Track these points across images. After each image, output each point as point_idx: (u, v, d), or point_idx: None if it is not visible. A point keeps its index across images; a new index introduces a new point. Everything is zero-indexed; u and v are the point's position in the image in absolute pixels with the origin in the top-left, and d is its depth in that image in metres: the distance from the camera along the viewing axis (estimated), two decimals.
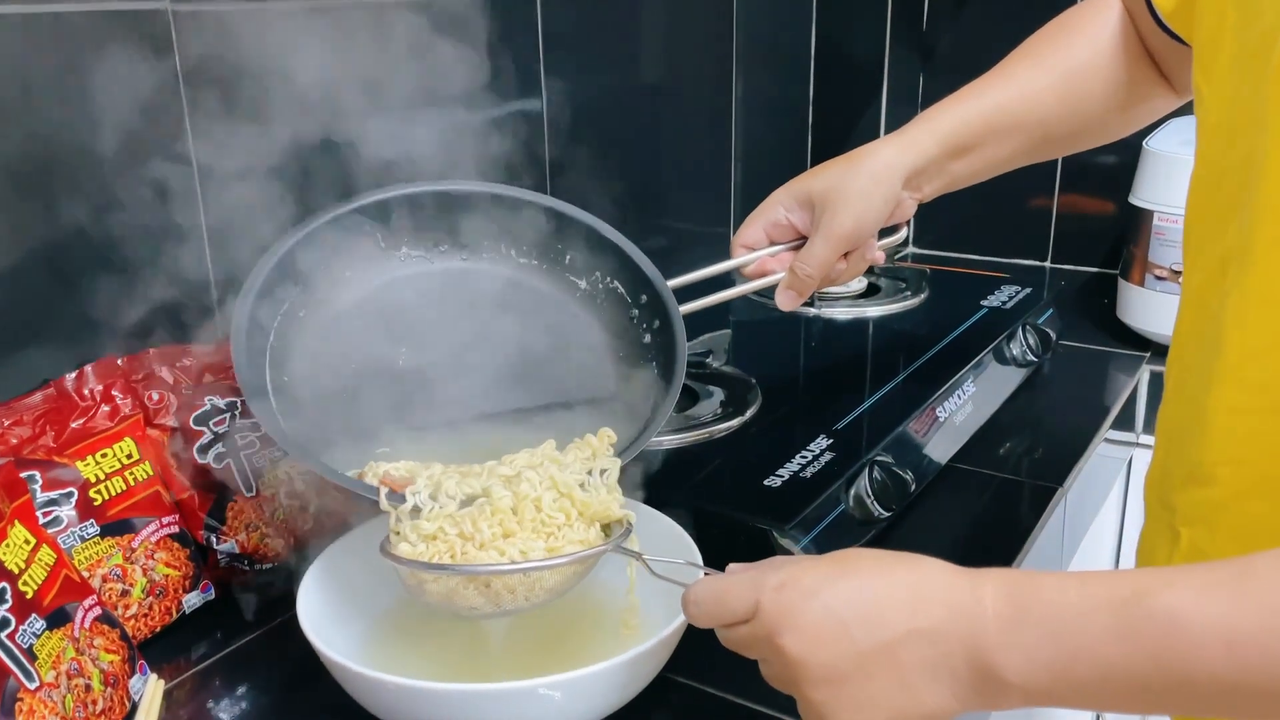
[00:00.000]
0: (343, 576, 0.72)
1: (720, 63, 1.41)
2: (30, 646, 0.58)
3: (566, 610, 0.72)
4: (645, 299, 0.82)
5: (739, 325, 1.21)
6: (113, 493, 0.73)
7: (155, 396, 0.77)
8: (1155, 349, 1.29)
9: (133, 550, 0.73)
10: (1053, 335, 1.21)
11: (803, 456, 0.86)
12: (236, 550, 0.78)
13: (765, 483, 0.82)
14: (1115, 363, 1.29)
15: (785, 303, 0.85)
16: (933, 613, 0.48)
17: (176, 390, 0.78)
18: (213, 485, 0.78)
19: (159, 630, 0.74)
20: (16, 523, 0.62)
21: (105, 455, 0.73)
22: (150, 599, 0.73)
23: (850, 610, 0.49)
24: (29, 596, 0.60)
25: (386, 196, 0.78)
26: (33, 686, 0.57)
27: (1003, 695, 0.48)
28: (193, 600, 0.76)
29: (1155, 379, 1.26)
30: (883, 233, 0.85)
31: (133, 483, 0.74)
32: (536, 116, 1.12)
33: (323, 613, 0.68)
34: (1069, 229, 1.65)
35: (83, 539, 0.71)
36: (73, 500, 0.71)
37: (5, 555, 0.59)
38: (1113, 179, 1.54)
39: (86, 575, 0.69)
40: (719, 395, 0.99)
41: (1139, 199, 1.29)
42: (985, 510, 0.93)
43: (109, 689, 0.63)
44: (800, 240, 0.85)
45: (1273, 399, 0.59)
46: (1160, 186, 1.26)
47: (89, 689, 0.62)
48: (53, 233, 0.76)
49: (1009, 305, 1.24)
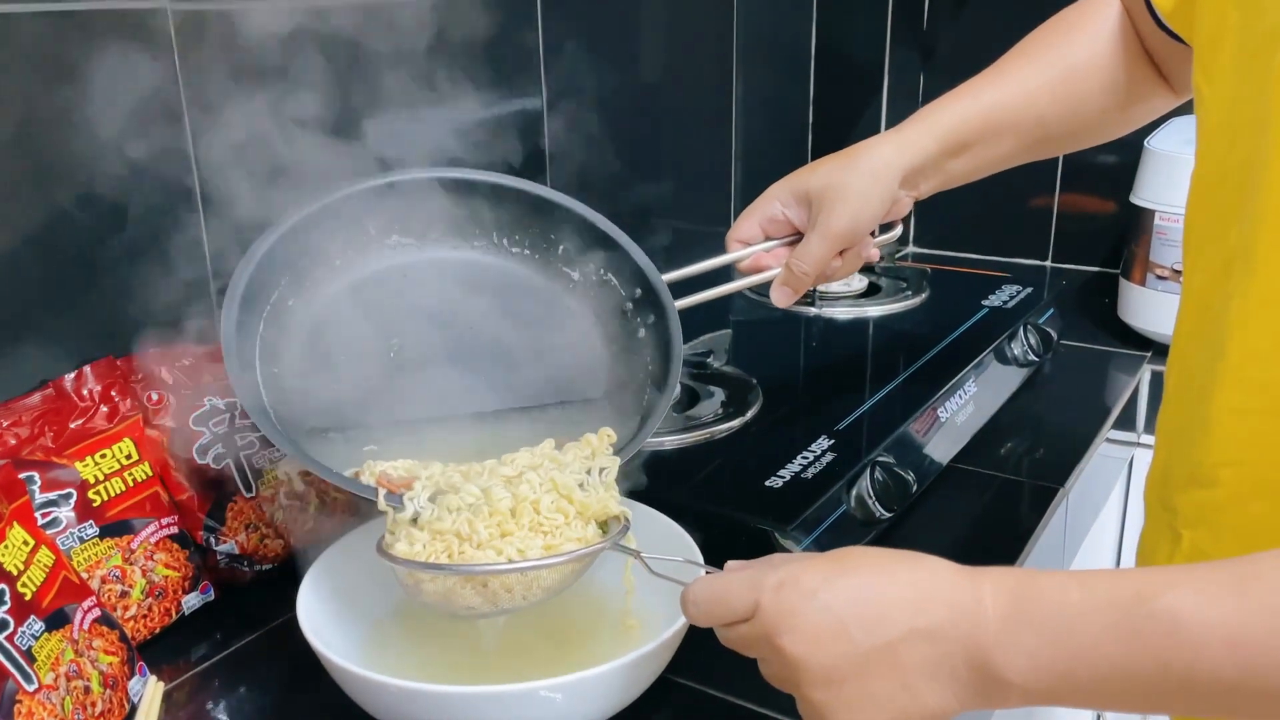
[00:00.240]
0: (342, 578, 0.71)
1: (720, 62, 1.40)
2: (29, 648, 0.58)
3: (566, 609, 0.72)
4: (639, 293, 0.81)
5: (739, 325, 1.21)
6: (112, 493, 0.73)
7: (154, 397, 0.77)
8: (1156, 349, 1.29)
9: (132, 551, 0.73)
10: (1054, 335, 1.21)
11: (804, 457, 0.86)
12: (236, 551, 0.78)
13: (766, 483, 0.82)
14: (1116, 362, 1.28)
15: (780, 299, 0.85)
16: (933, 612, 0.48)
17: (176, 390, 0.78)
18: (212, 486, 0.78)
19: (158, 631, 0.74)
20: (15, 524, 0.61)
21: (104, 456, 0.73)
22: (149, 600, 0.73)
23: (850, 610, 0.49)
24: (28, 598, 0.60)
25: (376, 184, 0.78)
26: (31, 688, 0.57)
27: (1003, 695, 0.48)
28: (192, 601, 0.76)
29: (1156, 379, 1.26)
30: (879, 229, 0.85)
31: (132, 483, 0.74)
32: (536, 115, 1.12)
33: (322, 614, 0.68)
34: (1070, 228, 1.65)
35: (82, 540, 0.71)
36: (72, 501, 0.70)
37: (4, 556, 0.59)
38: (1113, 178, 1.54)
39: (85, 576, 0.69)
40: (720, 395, 0.99)
41: (1140, 198, 1.29)
42: (986, 511, 0.93)
43: (108, 691, 0.63)
44: (796, 236, 0.85)
45: (1275, 400, 0.58)
46: (1161, 186, 1.26)
47: (88, 691, 0.61)
48: (51, 232, 0.76)
49: (1010, 305, 1.24)
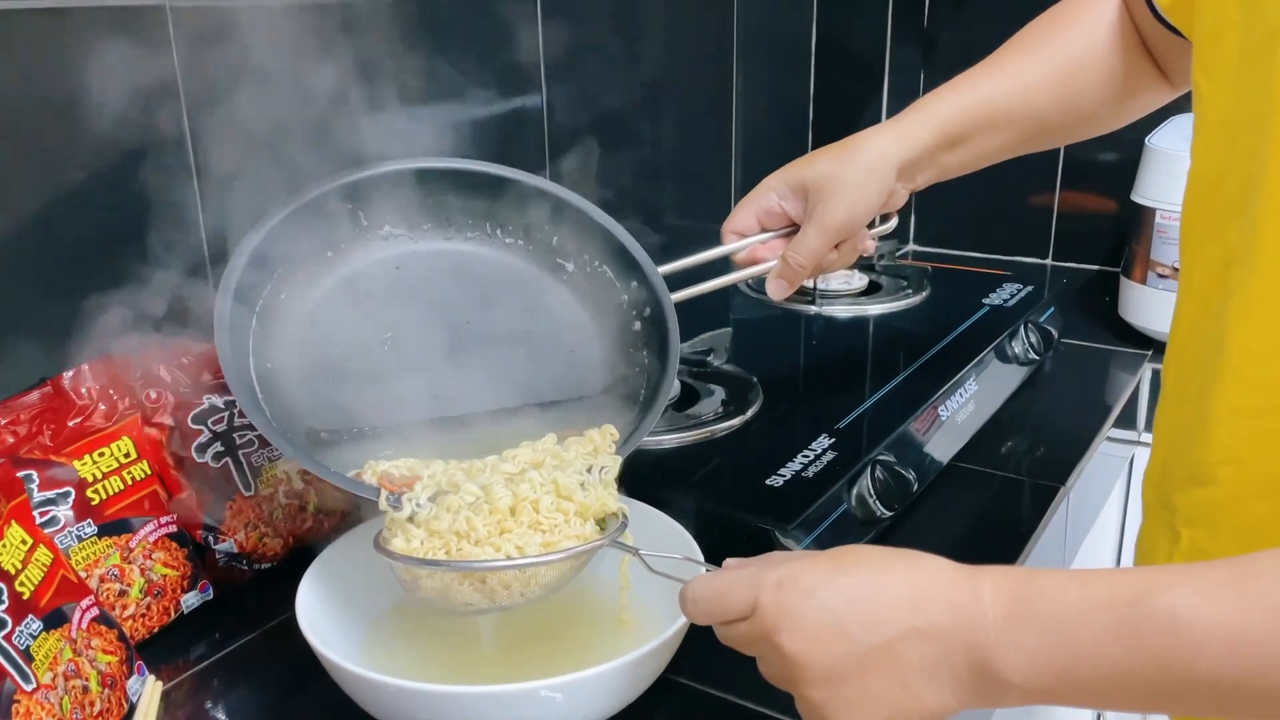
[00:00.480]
0: (342, 576, 0.71)
1: (721, 58, 1.40)
2: (27, 648, 0.58)
3: (564, 607, 0.72)
4: (634, 284, 0.81)
5: (740, 324, 1.21)
6: (110, 492, 0.72)
7: (153, 395, 0.76)
8: (1157, 347, 1.29)
9: (130, 550, 0.73)
10: (1054, 333, 1.21)
11: (804, 456, 0.85)
12: (235, 550, 0.78)
13: (767, 482, 0.82)
14: (1117, 361, 1.28)
15: (776, 292, 0.85)
16: (932, 611, 0.48)
17: (174, 389, 0.78)
18: (211, 484, 0.78)
19: (157, 630, 0.74)
20: (13, 522, 0.61)
21: (103, 454, 0.73)
22: (148, 599, 0.73)
23: (849, 609, 0.49)
24: (26, 597, 0.59)
25: (367, 175, 0.77)
26: (29, 688, 0.57)
27: (1003, 694, 0.48)
28: (191, 600, 0.76)
29: (1157, 377, 1.26)
30: (875, 220, 0.85)
31: (130, 482, 0.74)
32: (535, 111, 1.12)
33: (322, 613, 0.68)
34: (1070, 227, 1.65)
35: (80, 539, 0.70)
36: (70, 500, 0.70)
37: (2, 555, 0.59)
38: (1114, 176, 1.53)
39: (84, 575, 0.69)
40: (720, 394, 0.99)
41: (1141, 196, 1.29)
42: (987, 510, 0.93)
43: (106, 690, 0.63)
44: (791, 228, 0.85)
45: (1275, 400, 0.58)
46: (1162, 184, 1.26)
47: (86, 690, 0.61)
48: (49, 229, 0.76)
49: (1010, 303, 1.24)
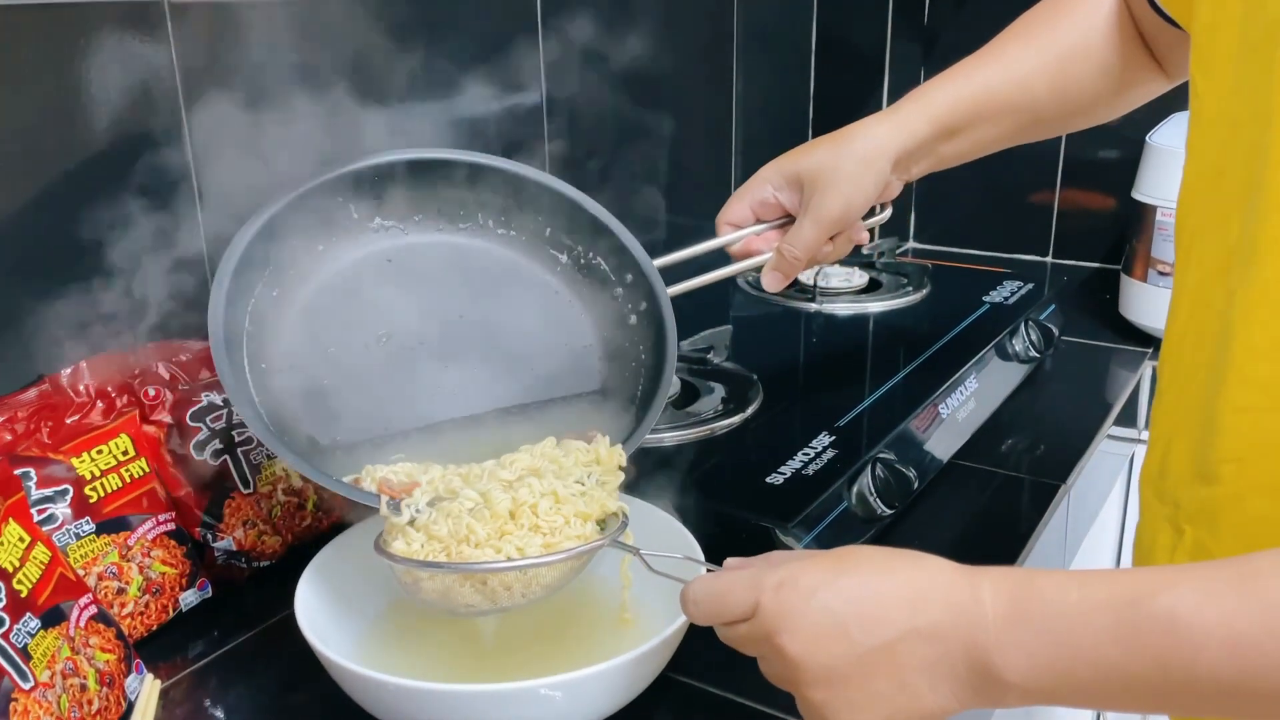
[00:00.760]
0: (341, 574, 0.71)
1: (721, 54, 1.40)
2: (25, 646, 0.58)
3: (564, 605, 0.72)
4: (630, 278, 0.81)
5: (740, 321, 1.21)
6: (108, 490, 0.72)
7: (151, 392, 0.76)
8: (1158, 345, 1.28)
9: (129, 548, 0.72)
10: (1055, 331, 1.20)
11: (805, 454, 0.85)
12: (234, 548, 0.78)
13: (767, 480, 0.81)
14: (1118, 359, 1.28)
15: (771, 284, 0.85)
16: (932, 612, 0.48)
17: (173, 386, 0.77)
18: (210, 482, 0.77)
19: (155, 629, 0.74)
20: (11, 520, 0.61)
21: (101, 452, 0.72)
22: (146, 597, 0.73)
23: (849, 609, 0.49)
24: (23, 595, 0.59)
25: (357, 167, 0.77)
26: (27, 686, 0.57)
27: (1003, 695, 0.48)
28: (190, 598, 0.76)
29: (1157, 375, 1.26)
30: (873, 210, 0.85)
31: (128, 479, 0.73)
32: (535, 108, 1.11)
33: (321, 611, 0.67)
34: (1071, 224, 1.64)
35: (78, 536, 0.70)
36: (68, 497, 0.70)
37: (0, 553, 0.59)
38: (1114, 174, 1.53)
39: (82, 573, 0.69)
40: (720, 391, 0.98)
41: (1142, 194, 1.29)
42: (988, 508, 0.93)
43: (105, 688, 0.63)
44: (786, 219, 0.85)
45: (1276, 398, 0.58)
46: (1163, 181, 1.26)
47: (84, 688, 0.61)
48: (47, 225, 0.76)
49: (1011, 301, 1.24)
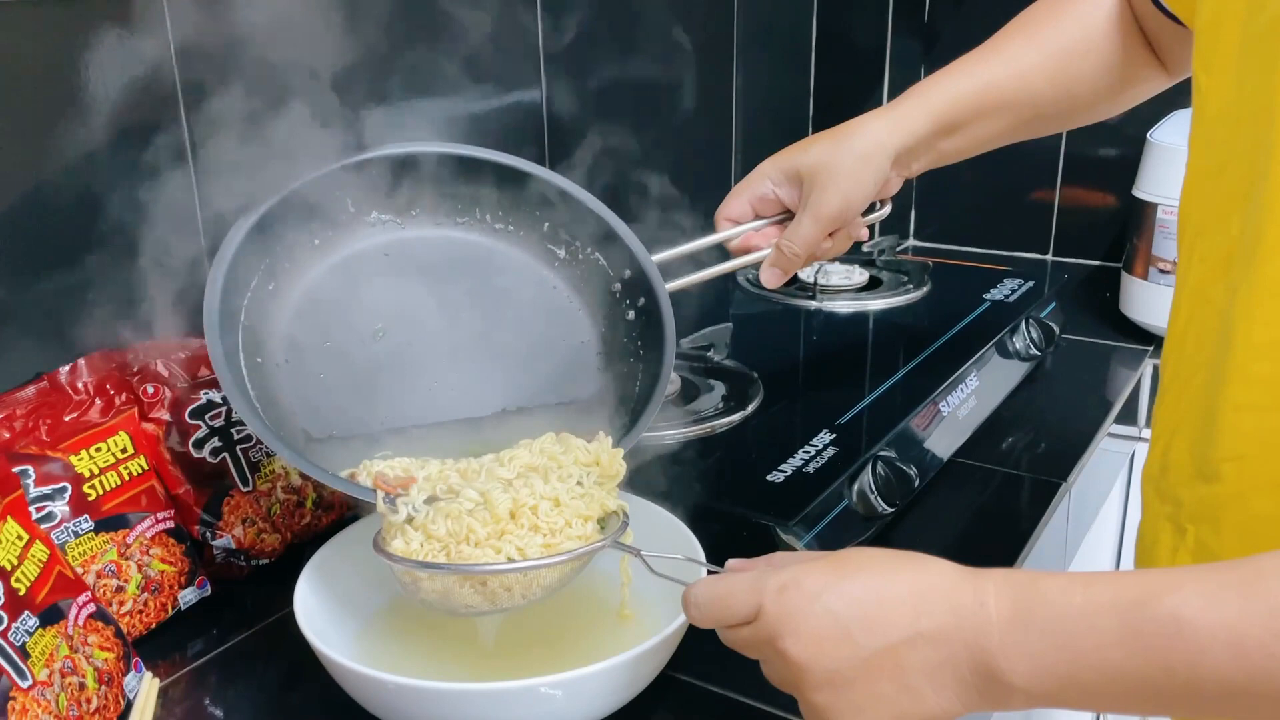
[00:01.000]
0: (340, 572, 0.71)
1: (721, 52, 1.40)
2: (23, 644, 0.58)
3: (564, 603, 0.71)
4: (628, 273, 0.81)
5: (740, 319, 1.20)
6: (107, 488, 0.72)
7: (150, 390, 0.76)
8: (1158, 343, 1.28)
9: (127, 546, 0.72)
10: (1055, 329, 1.20)
11: (805, 451, 0.85)
12: (233, 546, 0.77)
13: (768, 478, 0.81)
14: (1118, 356, 1.28)
15: (770, 280, 0.84)
16: (936, 615, 0.48)
17: (172, 384, 0.77)
18: (209, 480, 0.77)
19: (154, 627, 0.74)
20: (9, 518, 0.61)
21: (99, 449, 0.72)
22: (145, 595, 0.73)
23: (852, 613, 0.49)
24: (22, 593, 0.59)
25: (354, 160, 0.76)
26: (26, 685, 0.57)
27: (1006, 698, 0.48)
28: (188, 596, 0.76)
29: (1158, 373, 1.25)
30: (873, 205, 0.85)
31: (127, 477, 0.73)
32: (535, 105, 1.11)
33: (320, 609, 0.67)
34: (1071, 222, 1.64)
35: (76, 534, 0.70)
36: (66, 495, 0.70)
37: None
38: (1115, 171, 1.53)
39: (80, 571, 0.69)
40: (720, 389, 0.98)
41: (1142, 191, 1.29)
42: (988, 506, 0.93)
43: (103, 687, 0.63)
44: (785, 215, 0.84)
45: (1277, 397, 0.58)
46: (1164, 179, 1.25)
47: (83, 687, 0.61)
48: (45, 222, 0.75)
49: (1011, 299, 1.23)
